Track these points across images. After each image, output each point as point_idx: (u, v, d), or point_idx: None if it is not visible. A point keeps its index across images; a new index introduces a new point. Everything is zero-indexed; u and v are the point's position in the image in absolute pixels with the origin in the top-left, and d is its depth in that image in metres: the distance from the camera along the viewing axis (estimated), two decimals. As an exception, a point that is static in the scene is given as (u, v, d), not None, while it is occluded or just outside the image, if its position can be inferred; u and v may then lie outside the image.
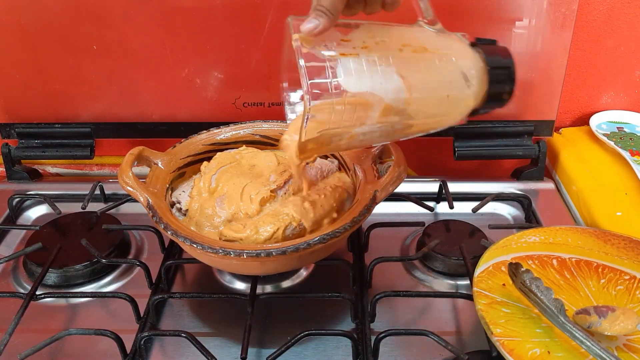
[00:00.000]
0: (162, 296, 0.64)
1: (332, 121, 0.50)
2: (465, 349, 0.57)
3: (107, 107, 0.84)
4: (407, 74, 0.50)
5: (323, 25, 0.49)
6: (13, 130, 0.86)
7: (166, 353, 0.60)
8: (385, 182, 0.61)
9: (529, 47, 0.78)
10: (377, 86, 0.50)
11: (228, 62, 0.80)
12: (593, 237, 0.65)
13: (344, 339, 0.59)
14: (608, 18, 0.82)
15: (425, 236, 0.71)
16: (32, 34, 0.79)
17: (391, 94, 0.50)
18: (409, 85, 0.50)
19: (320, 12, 0.49)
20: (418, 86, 0.51)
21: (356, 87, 0.49)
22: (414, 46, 0.52)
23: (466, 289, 0.66)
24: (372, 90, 0.50)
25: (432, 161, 0.94)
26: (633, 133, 0.85)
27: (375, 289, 0.66)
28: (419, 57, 0.52)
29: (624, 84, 0.88)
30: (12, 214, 0.80)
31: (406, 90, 0.50)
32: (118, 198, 0.79)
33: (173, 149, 0.70)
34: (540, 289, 0.54)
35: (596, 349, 0.49)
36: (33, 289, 0.63)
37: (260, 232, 0.59)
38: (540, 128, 0.84)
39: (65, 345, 0.60)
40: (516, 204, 0.81)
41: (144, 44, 0.79)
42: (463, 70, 0.52)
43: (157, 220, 0.59)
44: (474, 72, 0.53)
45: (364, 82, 0.50)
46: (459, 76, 0.52)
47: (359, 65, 0.49)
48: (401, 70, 0.50)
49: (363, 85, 0.50)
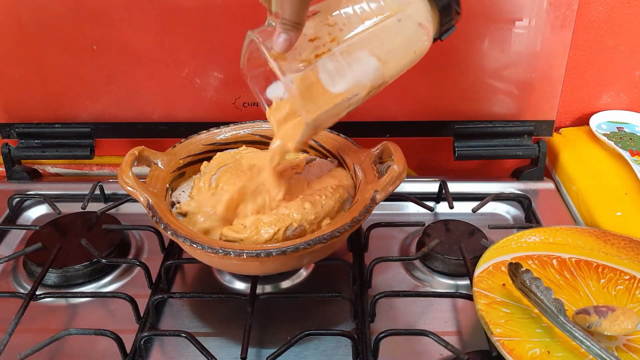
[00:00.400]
0: (162, 296, 0.64)
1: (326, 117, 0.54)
2: (465, 349, 0.57)
3: (107, 107, 0.84)
4: (378, 50, 0.53)
5: (294, 38, 0.50)
6: (13, 130, 0.86)
7: (166, 353, 0.60)
8: (385, 182, 0.61)
9: (529, 47, 0.78)
10: (359, 75, 0.53)
11: (228, 62, 0.80)
12: (593, 237, 0.65)
13: (344, 339, 0.59)
14: (608, 18, 0.82)
15: (425, 236, 0.71)
16: (32, 34, 0.79)
17: (372, 75, 0.54)
18: (383, 60, 0.54)
19: (287, 27, 0.49)
20: (390, 56, 0.54)
21: (342, 86, 0.53)
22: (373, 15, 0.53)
23: (466, 289, 0.66)
24: (356, 82, 0.53)
25: (432, 161, 0.94)
26: (633, 133, 0.85)
27: (375, 289, 0.66)
28: (383, 27, 0.54)
29: (624, 84, 0.88)
30: (12, 214, 0.80)
31: (382, 65, 0.54)
32: (118, 198, 0.79)
33: (173, 149, 0.70)
34: (540, 289, 0.54)
35: (596, 349, 0.49)
36: (33, 289, 0.63)
37: (261, 233, 0.59)
38: (540, 128, 0.84)
39: (65, 345, 0.60)
40: (516, 204, 0.81)
41: (144, 44, 0.79)
42: (419, 20, 0.55)
43: (157, 220, 0.59)
44: (427, 15, 0.55)
45: (348, 78, 0.53)
46: (417, 28, 0.55)
47: (336, 62, 0.52)
48: (373, 49, 0.53)
49: (347, 81, 0.53)
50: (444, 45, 0.79)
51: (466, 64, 0.80)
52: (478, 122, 0.83)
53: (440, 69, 0.80)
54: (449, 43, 0.78)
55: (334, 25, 0.52)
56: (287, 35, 0.50)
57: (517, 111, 0.83)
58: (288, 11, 0.49)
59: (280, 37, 0.50)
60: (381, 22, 0.53)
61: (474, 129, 0.83)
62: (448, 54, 0.79)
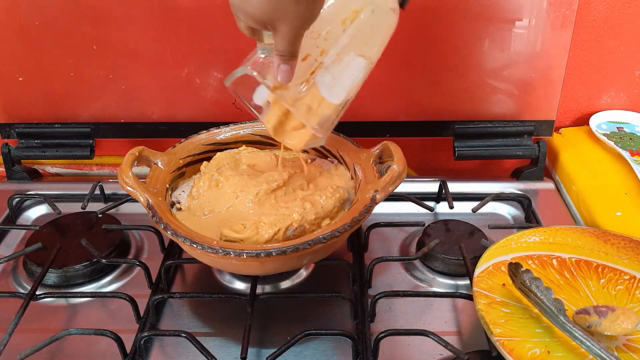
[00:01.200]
0: (162, 296, 0.64)
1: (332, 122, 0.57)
2: (465, 349, 0.57)
3: (106, 107, 0.84)
4: (362, 48, 0.55)
5: (294, 66, 0.51)
6: (13, 130, 0.86)
7: (166, 353, 0.60)
8: (385, 182, 0.61)
9: (529, 47, 0.78)
10: (353, 78, 0.55)
11: (228, 62, 0.80)
12: (593, 237, 0.65)
13: (344, 339, 0.59)
14: (608, 18, 0.82)
15: (425, 236, 0.71)
16: (32, 34, 0.79)
17: (364, 72, 0.56)
18: (368, 56, 0.55)
19: (284, 58, 0.50)
20: (373, 49, 0.56)
21: (341, 95, 0.55)
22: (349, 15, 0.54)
23: (466, 289, 0.66)
24: (354, 85, 0.55)
25: (432, 161, 0.94)
26: (633, 133, 0.85)
27: (375, 289, 0.66)
28: (360, 23, 0.54)
29: (624, 84, 0.88)
30: (12, 214, 0.80)
31: (369, 60, 0.56)
32: (118, 198, 0.79)
33: (173, 149, 0.70)
34: (540, 289, 0.54)
35: (596, 349, 0.49)
36: (33, 289, 0.63)
37: (261, 233, 0.59)
38: (540, 128, 0.84)
39: (65, 345, 0.60)
40: (516, 204, 0.81)
41: (144, 44, 0.79)
42: (390, 6, 0.56)
43: (157, 220, 0.59)
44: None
45: (344, 84, 0.54)
46: (389, 11, 0.56)
47: (331, 72, 0.54)
48: (358, 49, 0.55)
49: (345, 87, 0.55)
50: (444, 45, 0.79)
51: (466, 64, 0.80)
52: (478, 122, 0.83)
53: (440, 69, 0.80)
54: (449, 43, 0.79)
55: (317, 37, 0.53)
56: (288, 66, 0.50)
57: (517, 111, 0.83)
58: (284, 44, 0.49)
59: (281, 69, 0.50)
60: (357, 17, 0.54)
61: (474, 129, 0.83)
62: (448, 54, 0.79)
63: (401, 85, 0.82)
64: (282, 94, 0.53)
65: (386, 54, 0.79)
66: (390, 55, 0.79)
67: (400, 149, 0.64)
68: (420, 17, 0.76)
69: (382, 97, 0.82)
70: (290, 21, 0.48)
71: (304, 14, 0.48)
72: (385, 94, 0.82)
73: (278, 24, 0.48)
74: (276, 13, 0.47)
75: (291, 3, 0.46)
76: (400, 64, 0.80)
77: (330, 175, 0.69)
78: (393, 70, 0.80)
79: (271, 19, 0.48)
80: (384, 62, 0.81)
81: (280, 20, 0.48)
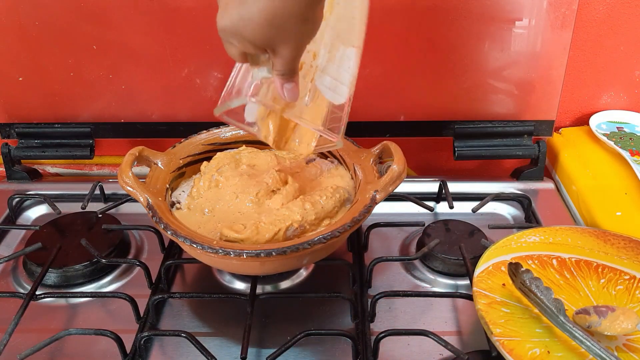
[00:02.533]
0: (161, 296, 0.64)
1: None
2: (465, 349, 0.57)
3: (106, 107, 0.84)
4: (348, 37, 0.55)
5: (297, 81, 0.50)
6: (13, 130, 0.86)
7: (166, 353, 0.60)
8: (385, 182, 0.61)
9: (529, 47, 0.78)
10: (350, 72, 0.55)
11: (228, 62, 0.79)
12: (593, 237, 0.65)
13: (344, 339, 0.59)
14: (608, 18, 0.82)
15: (425, 236, 0.71)
16: (32, 34, 0.79)
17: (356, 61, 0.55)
18: (357, 43, 0.55)
19: (286, 76, 0.48)
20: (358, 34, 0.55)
21: (345, 93, 0.54)
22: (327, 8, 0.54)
23: (466, 289, 0.66)
24: (352, 77, 0.55)
25: (432, 161, 0.94)
26: (633, 133, 0.85)
27: (375, 289, 0.66)
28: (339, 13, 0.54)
29: (624, 84, 0.88)
30: (12, 214, 0.80)
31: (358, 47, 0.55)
32: (118, 198, 0.79)
33: (173, 149, 0.70)
34: (540, 289, 0.54)
35: (596, 349, 0.49)
36: (33, 289, 0.63)
37: (261, 233, 0.59)
38: (540, 128, 0.84)
39: (65, 345, 0.60)
40: (516, 203, 0.81)
41: (144, 44, 0.79)
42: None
43: (157, 220, 0.59)
44: None
45: (345, 81, 0.54)
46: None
47: (327, 73, 0.53)
48: (345, 41, 0.54)
49: (346, 83, 0.54)
50: (444, 45, 0.79)
51: (466, 64, 0.80)
52: (478, 122, 0.83)
53: (441, 68, 0.80)
54: (449, 43, 0.79)
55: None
56: (293, 83, 0.49)
57: (517, 111, 0.83)
58: (286, 64, 0.47)
59: (287, 88, 0.49)
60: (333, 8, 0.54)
61: (474, 129, 0.83)
62: (448, 54, 0.79)
63: (401, 85, 0.82)
64: (292, 113, 0.52)
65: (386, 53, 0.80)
66: (391, 55, 0.80)
67: (400, 149, 0.64)
68: (420, 17, 0.76)
69: (382, 97, 0.82)
70: (294, 41, 0.45)
71: (310, 31, 0.46)
72: (385, 94, 0.82)
73: (279, 46, 0.45)
74: (279, 35, 0.44)
75: (297, 23, 0.44)
76: (400, 64, 0.80)
77: (330, 175, 0.69)
78: (393, 70, 0.80)
79: (273, 42, 0.45)
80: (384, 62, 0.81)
81: (283, 42, 0.45)
